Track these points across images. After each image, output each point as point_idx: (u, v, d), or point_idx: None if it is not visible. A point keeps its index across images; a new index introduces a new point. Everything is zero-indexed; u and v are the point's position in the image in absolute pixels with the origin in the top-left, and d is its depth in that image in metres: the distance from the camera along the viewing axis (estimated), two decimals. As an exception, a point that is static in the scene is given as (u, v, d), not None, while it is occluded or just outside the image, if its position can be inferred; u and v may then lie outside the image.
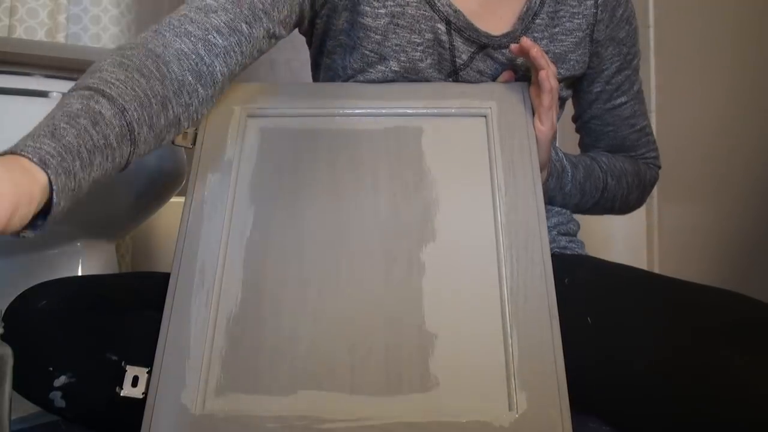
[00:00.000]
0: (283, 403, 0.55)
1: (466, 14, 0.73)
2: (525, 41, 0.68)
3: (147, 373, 0.57)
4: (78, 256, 0.93)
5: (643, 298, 0.63)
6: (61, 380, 0.59)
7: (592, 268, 0.72)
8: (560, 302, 0.58)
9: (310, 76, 0.85)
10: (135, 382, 0.57)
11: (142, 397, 0.56)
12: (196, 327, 0.58)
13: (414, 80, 0.74)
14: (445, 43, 0.73)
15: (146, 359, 0.57)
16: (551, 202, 0.79)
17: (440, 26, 0.73)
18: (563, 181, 0.77)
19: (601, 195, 0.81)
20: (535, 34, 0.75)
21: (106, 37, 1.27)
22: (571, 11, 0.77)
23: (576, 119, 0.88)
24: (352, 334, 0.58)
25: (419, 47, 0.73)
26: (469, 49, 0.74)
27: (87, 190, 0.52)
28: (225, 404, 0.55)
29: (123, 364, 0.57)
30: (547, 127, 0.69)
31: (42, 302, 0.62)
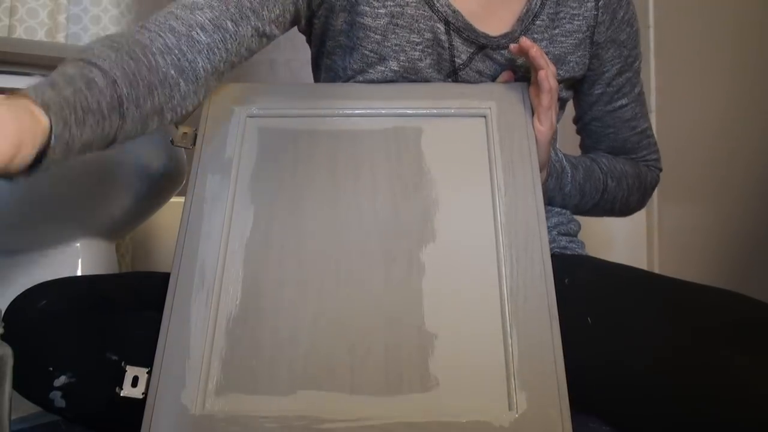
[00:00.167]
0: (283, 403, 0.55)
1: (465, 15, 0.73)
2: (524, 41, 0.68)
3: (147, 373, 0.57)
4: (78, 256, 0.93)
5: (643, 298, 0.63)
6: (61, 380, 0.59)
7: (592, 268, 0.72)
8: (560, 302, 0.58)
9: (310, 76, 0.85)
10: (135, 382, 0.57)
11: (142, 397, 0.56)
12: (196, 327, 0.58)
13: (413, 80, 0.74)
14: (444, 43, 0.73)
15: (146, 359, 0.57)
16: (551, 202, 0.79)
17: (439, 26, 0.73)
18: (563, 181, 0.77)
19: (600, 197, 0.81)
20: (535, 36, 0.75)
21: (106, 37, 1.27)
22: (571, 13, 0.76)
23: (577, 121, 0.88)
24: (352, 334, 0.58)
25: (418, 47, 0.73)
26: (468, 50, 0.74)
27: (76, 152, 0.53)
28: (225, 404, 0.55)
29: (123, 364, 0.57)
30: (546, 127, 0.69)
31: (42, 302, 0.62)
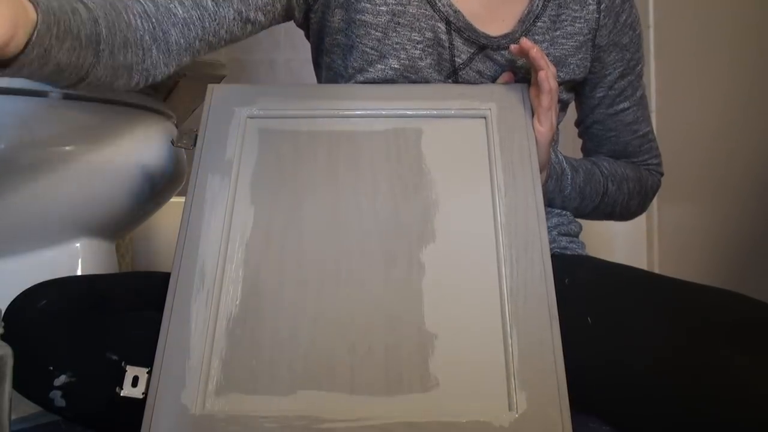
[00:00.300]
0: (283, 403, 0.55)
1: (467, 15, 0.73)
2: (524, 42, 0.68)
3: (147, 373, 0.57)
4: (78, 256, 0.93)
5: (644, 298, 0.63)
6: (61, 380, 0.59)
7: (592, 268, 0.72)
8: (560, 302, 0.58)
9: (310, 76, 0.85)
10: (135, 382, 0.57)
11: (142, 397, 0.56)
12: (196, 327, 0.58)
13: (413, 80, 0.74)
14: (444, 43, 0.74)
15: (146, 359, 0.57)
16: (551, 204, 0.79)
17: (440, 26, 0.73)
18: (563, 183, 0.77)
19: (601, 200, 0.81)
20: (536, 37, 0.75)
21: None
22: (573, 15, 0.76)
23: (578, 124, 0.88)
24: (352, 334, 0.58)
25: (419, 45, 0.73)
26: (469, 50, 0.74)
27: (49, 68, 0.54)
28: (225, 404, 0.55)
29: (123, 364, 0.57)
30: (546, 128, 0.69)
31: (42, 302, 0.62)
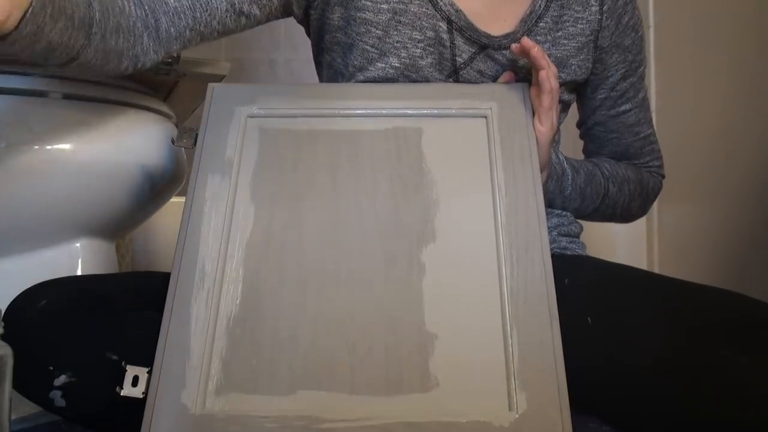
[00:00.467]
0: (283, 403, 0.55)
1: (468, 15, 0.73)
2: (526, 41, 0.68)
3: (147, 372, 0.57)
4: (78, 256, 0.93)
5: (644, 298, 0.63)
6: (61, 380, 0.59)
7: (592, 268, 0.72)
8: (560, 302, 0.58)
9: (309, 77, 0.85)
10: (135, 381, 0.56)
11: (142, 396, 0.56)
12: (196, 327, 0.58)
13: (414, 79, 0.74)
14: (445, 42, 0.74)
15: (146, 359, 0.57)
16: (551, 205, 0.78)
17: (441, 25, 0.73)
18: (563, 184, 0.77)
19: (601, 201, 0.81)
20: (538, 38, 0.75)
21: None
22: (575, 16, 0.76)
23: (580, 125, 0.88)
24: (352, 334, 0.58)
25: (420, 44, 0.73)
26: (470, 49, 0.74)
27: (41, 45, 0.54)
28: (225, 404, 0.55)
29: (123, 363, 0.57)
30: (546, 128, 0.69)
31: (42, 302, 0.62)
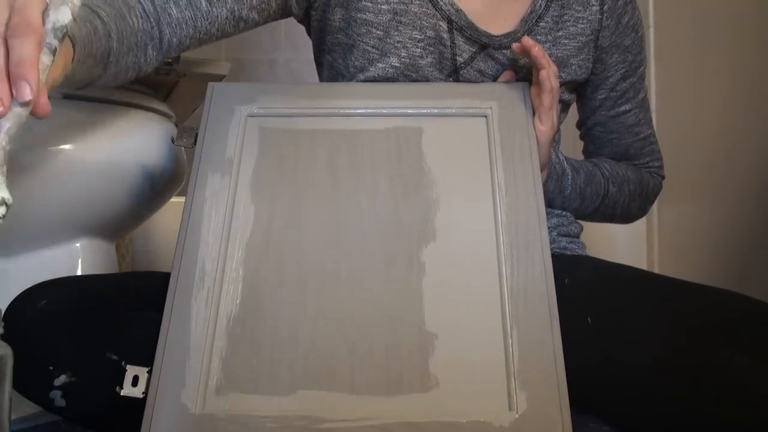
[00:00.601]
0: (283, 402, 0.55)
1: (469, 14, 0.73)
2: (526, 40, 0.68)
3: (147, 372, 0.57)
4: (78, 256, 0.93)
5: (643, 298, 0.63)
6: (61, 379, 0.58)
7: (592, 268, 0.72)
8: (560, 302, 0.58)
9: (310, 77, 0.85)
10: (135, 381, 0.56)
11: (142, 396, 0.56)
12: (196, 327, 0.58)
13: (414, 78, 0.74)
14: (446, 41, 0.74)
15: (146, 359, 0.57)
16: (551, 205, 0.78)
17: (442, 24, 0.73)
18: (563, 184, 0.77)
19: (601, 201, 0.81)
20: (538, 37, 0.75)
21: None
22: (575, 16, 0.76)
23: (580, 126, 0.87)
24: (352, 334, 0.58)
25: (420, 44, 0.73)
26: (470, 49, 0.74)
27: (61, 82, 0.56)
28: (225, 404, 0.55)
29: (123, 363, 0.57)
30: (546, 127, 0.69)
31: (42, 302, 0.62)
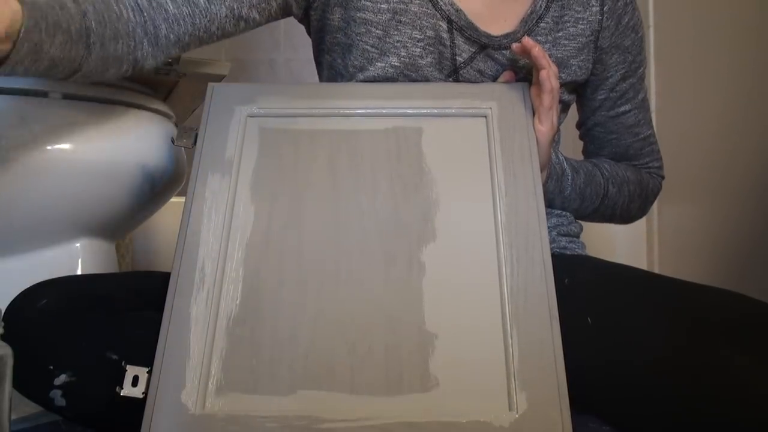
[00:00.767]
0: (283, 403, 0.55)
1: (469, 14, 0.73)
2: (526, 41, 0.68)
3: (147, 372, 0.57)
4: (78, 256, 0.93)
5: (643, 297, 0.63)
6: (61, 379, 0.59)
7: (592, 268, 0.72)
8: (560, 302, 0.58)
9: (309, 77, 0.85)
10: (135, 381, 0.57)
11: (142, 396, 0.56)
12: (196, 327, 0.58)
13: (414, 78, 0.74)
14: (446, 41, 0.74)
15: (146, 359, 0.57)
16: (551, 205, 0.78)
17: (442, 24, 0.73)
18: (563, 184, 0.77)
19: (601, 202, 0.81)
20: (538, 38, 0.75)
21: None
22: (575, 17, 0.77)
23: (580, 126, 0.87)
24: (352, 334, 0.58)
25: (420, 43, 0.73)
26: (470, 49, 0.74)
27: (45, 63, 0.54)
28: (225, 404, 0.55)
29: (123, 363, 0.57)
30: (546, 128, 0.69)
31: (42, 302, 0.62)
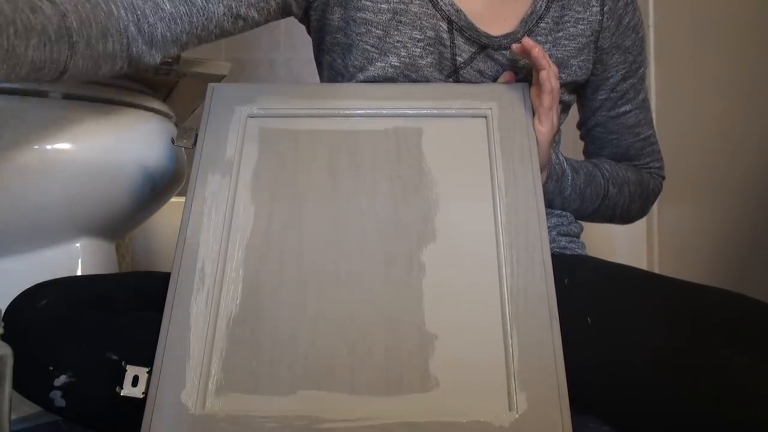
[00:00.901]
0: (283, 403, 0.55)
1: (469, 14, 0.73)
2: (526, 41, 0.68)
3: (147, 372, 0.57)
4: (78, 257, 0.93)
5: (643, 298, 0.63)
6: (61, 380, 0.59)
7: (592, 268, 0.72)
8: (560, 302, 0.58)
9: (309, 77, 0.85)
10: (135, 381, 0.57)
11: (142, 396, 0.56)
12: (196, 327, 0.58)
13: (414, 78, 0.74)
14: (446, 41, 0.74)
15: (146, 359, 0.57)
16: (551, 205, 0.78)
17: (442, 24, 0.73)
18: (563, 184, 0.77)
19: (601, 202, 0.81)
20: (539, 38, 0.75)
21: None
22: (576, 17, 0.76)
23: (580, 126, 0.87)
24: (352, 334, 0.58)
25: (420, 44, 0.73)
26: (470, 49, 0.74)
27: (26, 68, 0.53)
28: (225, 404, 0.55)
29: (123, 363, 0.57)
30: (546, 128, 0.69)
31: (42, 302, 0.62)
